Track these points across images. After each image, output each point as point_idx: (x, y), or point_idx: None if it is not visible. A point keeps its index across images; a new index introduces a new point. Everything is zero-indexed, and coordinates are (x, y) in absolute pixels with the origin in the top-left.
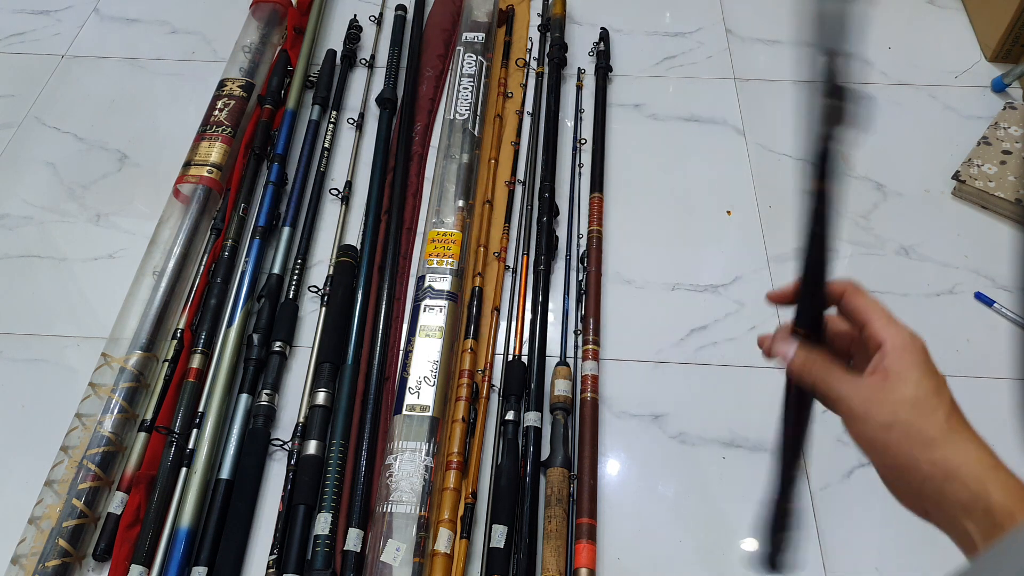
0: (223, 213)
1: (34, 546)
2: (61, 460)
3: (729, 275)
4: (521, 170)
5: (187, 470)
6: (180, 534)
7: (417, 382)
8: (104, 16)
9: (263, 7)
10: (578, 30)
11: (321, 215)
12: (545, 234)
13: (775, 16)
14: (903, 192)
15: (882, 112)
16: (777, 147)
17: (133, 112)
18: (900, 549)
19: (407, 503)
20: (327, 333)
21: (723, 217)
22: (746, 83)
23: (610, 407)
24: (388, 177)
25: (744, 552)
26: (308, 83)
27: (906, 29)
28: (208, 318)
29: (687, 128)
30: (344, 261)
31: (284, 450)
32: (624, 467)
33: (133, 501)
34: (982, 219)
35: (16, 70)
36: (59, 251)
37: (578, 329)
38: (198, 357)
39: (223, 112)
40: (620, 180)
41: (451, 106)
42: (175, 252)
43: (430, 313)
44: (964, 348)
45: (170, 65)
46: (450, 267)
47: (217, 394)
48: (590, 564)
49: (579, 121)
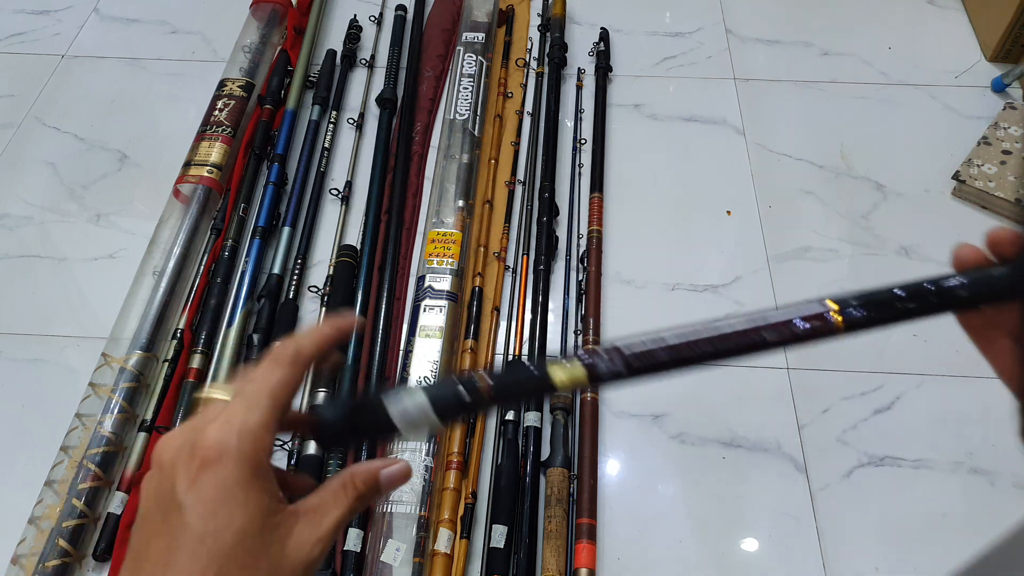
0: (223, 213)
1: (34, 546)
2: (61, 460)
3: (729, 275)
4: (521, 170)
5: None
6: None
7: (417, 382)
8: (104, 16)
9: (263, 7)
10: (578, 30)
11: (321, 215)
12: (545, 234)
13: (775, 16)
14: (903, 192)
15: (882, 112)
16: (777, 147)
17: (133, 112)
18: (900, 549)
19: (407, 503)
20: None
21: (723, 217)
22: (746, 83)
23: (610, 407)
24: (388, 177)
25: (744, 552)
26: (308, 83)
27: (906, 29)
28: (208, 318)
29: (687, 128)
30: (344, 261)
31: (284, 450)
32: (624, 467)
33: (133, 501)
34: (982, 219)
35: (16, 70)
36: (59, 251)
37: (578, 329)
38: (198, 357)
39: (223, 112)
40: (620, 180)
41: (451, 106)
42: (175, 252)
43: (430, 313)
44: (964, 348)
45: (170, 65)
46: (450, 267)
47: None
48: (590, 564)
49: (579, 121)
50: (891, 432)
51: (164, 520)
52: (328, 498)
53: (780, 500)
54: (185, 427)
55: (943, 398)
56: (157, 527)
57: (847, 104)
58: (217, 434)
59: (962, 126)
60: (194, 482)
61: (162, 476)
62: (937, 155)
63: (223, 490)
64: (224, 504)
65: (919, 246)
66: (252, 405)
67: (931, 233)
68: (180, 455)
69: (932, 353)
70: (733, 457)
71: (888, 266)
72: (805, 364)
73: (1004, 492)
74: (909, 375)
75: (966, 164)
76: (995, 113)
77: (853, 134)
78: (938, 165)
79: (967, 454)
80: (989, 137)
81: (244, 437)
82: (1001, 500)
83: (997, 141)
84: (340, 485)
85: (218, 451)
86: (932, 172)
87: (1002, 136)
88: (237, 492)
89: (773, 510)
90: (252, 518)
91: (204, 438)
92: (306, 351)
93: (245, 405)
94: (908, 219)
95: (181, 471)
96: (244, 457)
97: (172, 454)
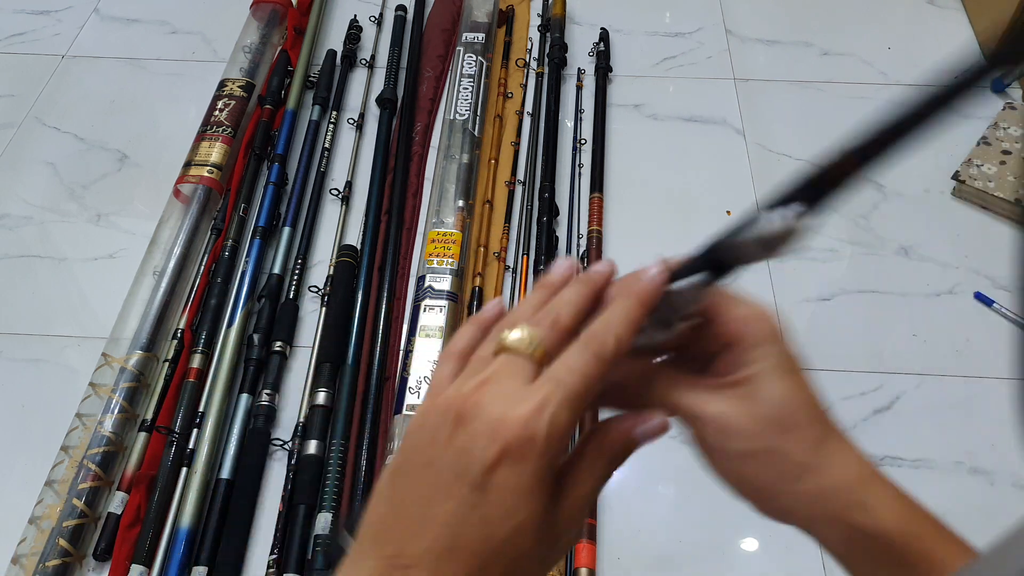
0: (223, 213)
1: (34, 546)
2: (61, 460)
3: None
4: (521, 170)
5: (187, 470)
6: (180, 534)
7: (417, 382)
8: (104, 16)
9: (263, 7)
10: (578, 30)
11: (321, 215)
12: (545, 234)
13: (775, 16)
14: (903, 192)
15: (882, 112)
16: (777, 147)
17: (133, 112)
18: None
19: None
20: (327, 333)
21: (723, 217)
22: (746, 83)
23: None
24: (388, 177)
25: (744, 552)
26: (308, 83)
27: (906, 29)
28: (208, 318)
29: (687, 128)
30: (344, 261)
31: (284, 450)
32: (624, 467)
33: (133, 501)
34: (982, 219)
35: (16, 70)
36: (59, 251)
37: None
38: (198, 357)
39: (223, 112)
40: (620, 180)
41: (451, 106)
42: (175, 252)
43: (430, 313)
44: (964, 348)
45: (170, 65)
46: (450, 267)
47: (217, 394)
48: (590, 564)
49: (579, 121)
50: (891, 432)
51: (447, 484)
52: (584, 469)
53: None
54: (481, 382)
55: (943, 398)
56: (435, 487)
57: (847, 104)
58: (528, 425)
59: (962, 126)
60: (493, 468)
61: (456, 436)
62: (937, 155)
63: (518, 486)
64: (517, 499)
65: (919, 246)
66: (566, 400)
67: (931, 233)
68: (480, 425)
69: (932, 353)
70: None
71: (888, 266)
72: (805, 364)
73: (1004, 492)
74: (909, 375)
75: (966, 164)
76: (995, 113)
77: (853, 134)
78: (938, 165)
79: (967, 454)
80: (989, 137)
81: (553, 438)
82: (1001, 500)
83: (997, 141)
84: (593, 453)
85: (525, 446)
86: (932, 172)
87: (1002, 136)
88: (532, 490)
89: None
90: (533, 516)
91: (512, 422)
92: (624, 348)
93: (560, 397)
94: (908, 219)
95: (480, 445)
96: (547, 458)
97: (471, 415)
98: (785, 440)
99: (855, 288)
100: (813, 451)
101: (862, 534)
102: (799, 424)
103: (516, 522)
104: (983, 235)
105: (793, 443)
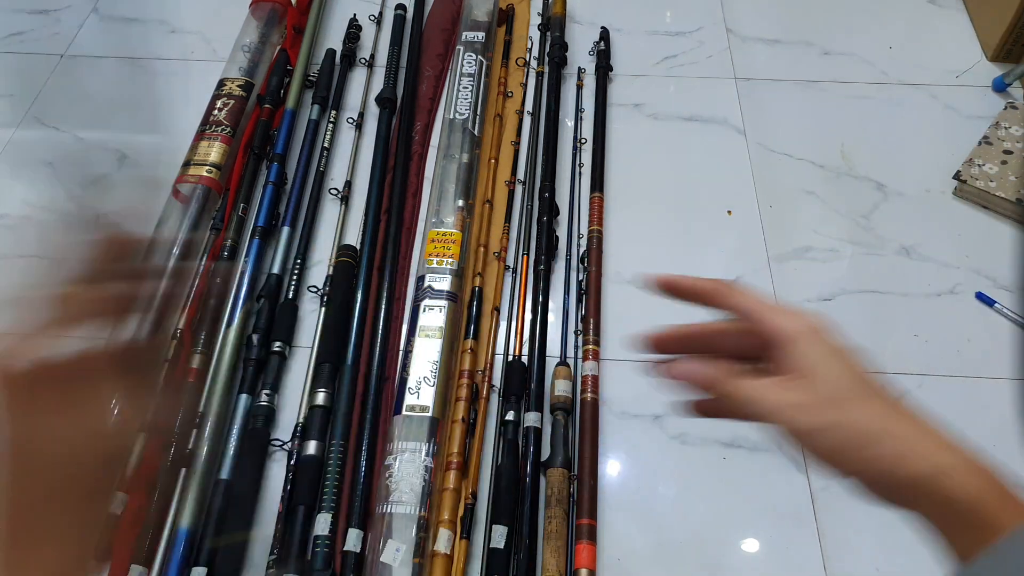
0: (222, 213)
1: None
2: None
3: (729, 275)
4: (521, 170)
5: (187, 470)
6: (180, 534)
7: (417, 382)
8: (103, 16)
9: (262, 6)
10: (578, 29)
11: (321, 215)
12: (545, 234)
13: (776, 15)
14: (904, 192)
15: (883, 112)
16: (778, 147)
17: (133, 112)
18: (900, 549)
19: (407, 503)
20: (327, 333)
21: (723, 217)
22: (746, 83)
23: (610, 407)
24: (388, 177)
25: (744, 552)
26: (308, 82)
27: (907, 29)
28: (208, 318)
29: (687, 128)
30: (344, 261)
31: (284, 450)
32: (624, 467)
33: (133, 501)
34: (983, 219)
35: (15, 70)
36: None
37: (578, 329)
38: (198, 357)
39: (222, 112)
40: (620, 180)
41: (451, 106)
42: (174, 252)
43: (430, 313)
44: (965, 348)
45: (169, 65)
46: (450, 267)
47: (217, 394)
48: (590, 565)
49: (579, 121)
50: None
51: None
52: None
53: (780, 500)
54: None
55: (943, 398)
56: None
57: (848, 104)
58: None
59: (963, 126)
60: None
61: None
62: (938, 155)
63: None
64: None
65: (920, 246)
66: None
67: (932, 233)
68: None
69: (932, 353)
70: (734, 457)
71: (889, 266)
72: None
73: None
74: (909, 375)
75: (967, 164)
76: (996, 113)
77: (854, 134)
78: (939, 165)
79: None
80: (990, 137)
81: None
82: None
83: (998, 141)
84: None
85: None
86: (933, 172)
87: (1003, 136)
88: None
89: (773, 510)
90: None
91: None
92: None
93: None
94: (909, 219)
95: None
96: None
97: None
98: (845, 413)
99: (856, 288)
100: (878, 420)
101: (935, 499)
102: (853, 398)
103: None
104: (984, 235)
105: (854, 415)
